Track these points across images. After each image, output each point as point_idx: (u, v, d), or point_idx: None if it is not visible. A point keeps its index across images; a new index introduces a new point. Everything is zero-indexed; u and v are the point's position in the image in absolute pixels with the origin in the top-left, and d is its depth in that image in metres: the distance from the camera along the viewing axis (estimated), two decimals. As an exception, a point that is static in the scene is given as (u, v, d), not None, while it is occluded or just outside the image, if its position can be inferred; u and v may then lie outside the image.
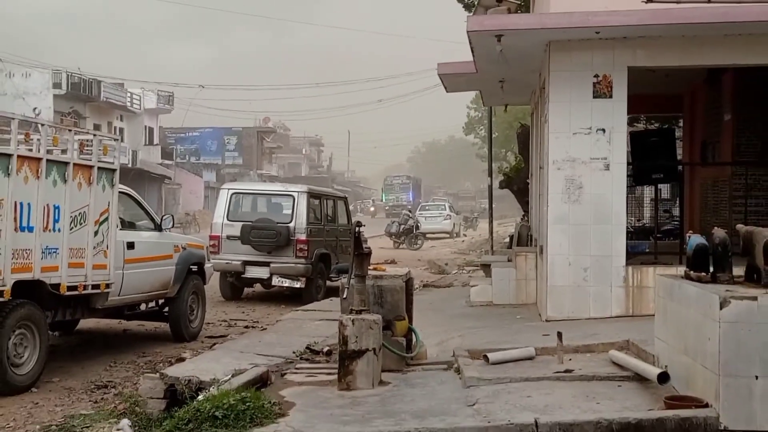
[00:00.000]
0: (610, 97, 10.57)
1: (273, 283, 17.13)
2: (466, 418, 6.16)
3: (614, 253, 10.56)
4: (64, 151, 9.87)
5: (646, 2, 10.46)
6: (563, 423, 5.81)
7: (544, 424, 5.78)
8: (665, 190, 19.70)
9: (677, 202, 17.94)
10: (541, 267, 11.79)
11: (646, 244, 13.17)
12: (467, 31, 10.63)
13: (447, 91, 16.53)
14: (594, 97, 10.58)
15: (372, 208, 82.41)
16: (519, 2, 13.14)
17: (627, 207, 11.76)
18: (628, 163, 11.56)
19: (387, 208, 79.08)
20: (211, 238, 17.12)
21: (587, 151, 10.58)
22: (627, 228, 11.21)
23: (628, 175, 11.47)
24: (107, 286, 10.45)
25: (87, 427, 7.45)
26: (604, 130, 10.55)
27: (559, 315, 10.58)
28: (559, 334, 8.09)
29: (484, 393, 6.93)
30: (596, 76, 10.57)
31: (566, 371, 7.56)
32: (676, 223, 17.01)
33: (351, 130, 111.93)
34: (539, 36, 10.77)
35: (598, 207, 10.61)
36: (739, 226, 6.86)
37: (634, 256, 11.30)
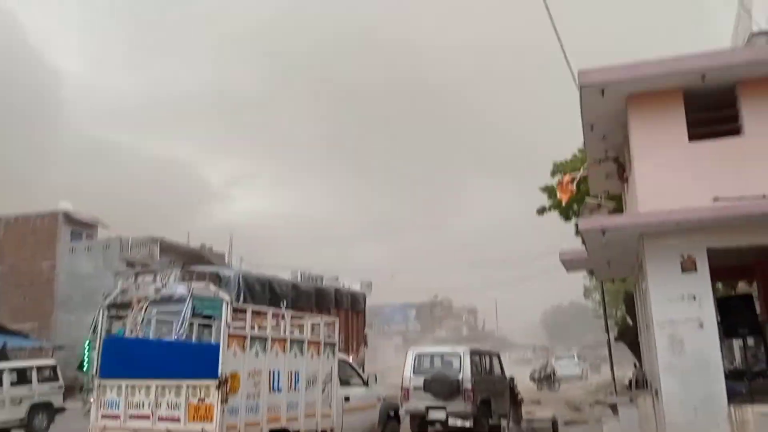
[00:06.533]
0: (695, 270, 9.31)
1: (449, 423, 15.55)
2: None
3: (716, 394, 9.00)
4: (300, 331, 9.64)
5: (714, 200, 9.37)
6: None
7: None
8: (749, 339, 17.15)
9: (762, 348, 15.44)
10: (658, 406, 10.17)
11: (742, 385, 11.15)
12: (581, 229, 10.02)
13: (567, 272, 15.30)
14: (682, 271, 9.35)
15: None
16: (614, 205, 12.38)
17: (721, 354, 10.11)
18: (718, 322, 9.98)
19: None
20: (402, 388, 15.92)
21: (683, 313, 9.28)
22: (723, 371, 9.57)
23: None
24: (332, 429, 9.84)
25: None
26: (694, 297, 9.26)
27: (677, 446, 8.95)
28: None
29: None
30: (682, 255, 9.39)
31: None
32: (763, 366, 14.56)
33: (497, 300, 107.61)
34: (633, 230, 9.87)
35: (698, 357, 9.16)
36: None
37: (733, 396, 9.48)
